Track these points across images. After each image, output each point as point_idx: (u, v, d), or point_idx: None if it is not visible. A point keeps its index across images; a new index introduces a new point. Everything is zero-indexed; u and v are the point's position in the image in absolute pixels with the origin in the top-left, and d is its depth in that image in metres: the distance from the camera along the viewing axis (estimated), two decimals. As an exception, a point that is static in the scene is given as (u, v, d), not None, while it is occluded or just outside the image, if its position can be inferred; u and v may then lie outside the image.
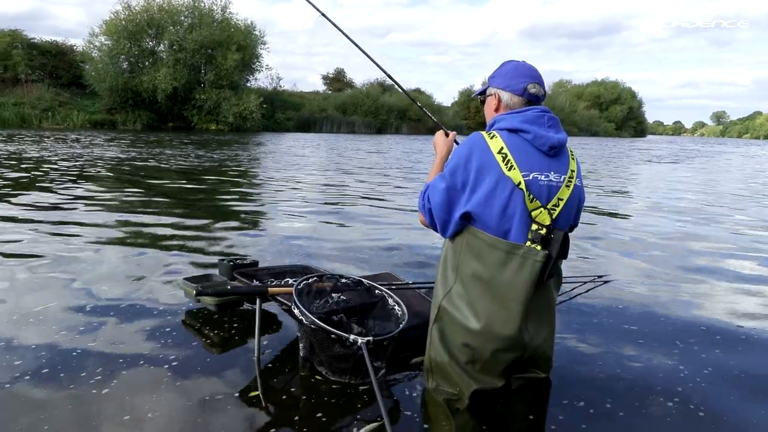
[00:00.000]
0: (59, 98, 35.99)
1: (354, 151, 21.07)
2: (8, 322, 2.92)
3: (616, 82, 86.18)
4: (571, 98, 74.19)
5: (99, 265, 4.13)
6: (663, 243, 5.75)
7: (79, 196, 7.37)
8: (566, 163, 1.95)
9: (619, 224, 6.85)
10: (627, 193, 10.75)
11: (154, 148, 17.82)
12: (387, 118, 49.95)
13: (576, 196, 1.98)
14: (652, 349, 2.83)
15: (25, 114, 32.62)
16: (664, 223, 6.98)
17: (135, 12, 38.38)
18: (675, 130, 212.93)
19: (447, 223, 1.95)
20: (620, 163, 19.66)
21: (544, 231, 1.85)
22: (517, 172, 1.83)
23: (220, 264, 3.26)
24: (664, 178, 14.49)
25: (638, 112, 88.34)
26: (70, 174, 9.88)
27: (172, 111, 38.89)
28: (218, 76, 39.26)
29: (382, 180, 11.16)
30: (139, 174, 10.66)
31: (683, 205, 8.80)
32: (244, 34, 41.41)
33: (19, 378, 2.29)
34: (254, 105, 38.87)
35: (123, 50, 37.84)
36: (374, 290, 2.64)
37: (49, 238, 4.95)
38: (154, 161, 13.49)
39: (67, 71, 38.51)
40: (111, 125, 35.82)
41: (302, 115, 46.42)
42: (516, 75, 1.99)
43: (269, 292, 2.50)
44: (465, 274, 1.95)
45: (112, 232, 5.32)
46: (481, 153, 1.87)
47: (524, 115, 1.92)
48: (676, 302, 3.67)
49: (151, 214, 6.29)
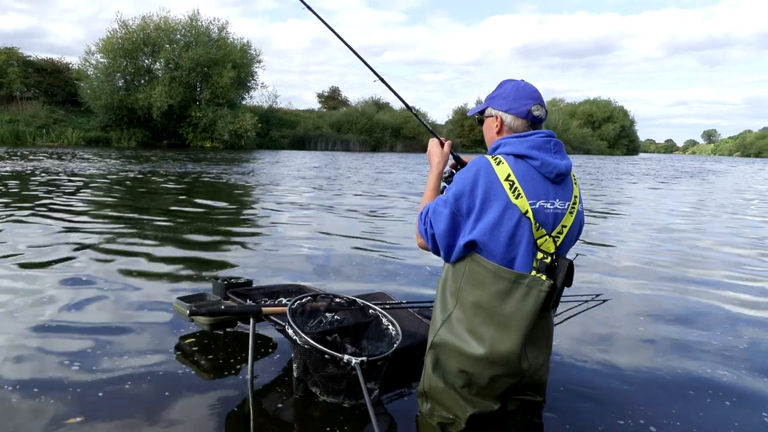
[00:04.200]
0: (54, 116, 36.02)
1: (348, 169, 21.13)
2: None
3: (609, 101, 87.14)
4: (564, 116, 74.89)
5: (91, 283, 4.10)
6: (661, 260, 5.77)
7: (69, 212, 7.34)
8: (570, 190, 1.93)
9: (615, 240, 6.88)
10: (625, 207, 10.79)
11: (147, 165, 17.81)
12: (381, 136, 50.24)
13: (578, 222, 1.96)
14: (649, 372, 2.82)
15: (19, 131, 32.59)
16: (662, 240, 7.01)
17: (132, 30, 38.70)
18: (667, 148, 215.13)
19: (451, 249, 1.90)
20: (618, 180, 19.80)
21: (549, 259, 1.83)
22: (525, 200, 1.79)
23: (213, 283, 3.25)
24: (661, 195, 14.59)
25: (630, 131, 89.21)
26: (60, 190, 9.85)
27: (167, 128, 38.98)
28: (214, 94, 39.49)
29: (378, 197, 11.18)
30: (132, 191, 10.64)
31: (682, 222, 8.86)
32: (240, 52, 41.78)
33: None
34: (249, 123, 39.04)
35: (119, 68, 38.08)
36: (368, 310, 2.63)
37: (37, 256, 4.92)
38: (148, 178, 13.47)
39: (62, 89, 38.64)
40: (105, 142, 35.84)
41: (297, 133, 46.62)
42: (518, 96, 1.94)
43: (263, 312, 2.49)
44: (466, 301, 1.91)
45: (103, 249, 5.29)
46: (488, 179, 1.81)
47: (531, 141, 1.87)
48: (675, 324, 3.65)
49: (144, 232, 6.27)
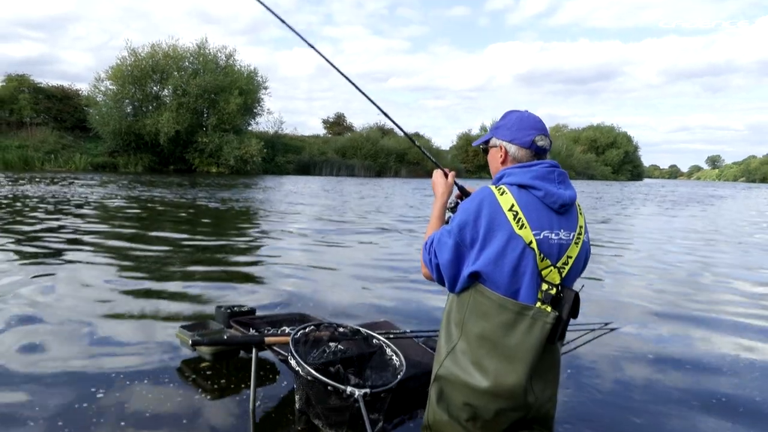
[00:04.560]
0: (62, 141, 36.46)
1: (353, 194, 21.20)
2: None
3: (612, 127, 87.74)
4: (567, 142, 75.35)
5: (94, 309, 4.09)
6: (670, 287, 5.72)
7: (74, 239, 7.37)
8: (575, 220, 1.92)
9: (623, 267, 6.83)
10: (631, 234, 10.76)
11: (153, 190, 17.93)
12: (386, 161, 50.53)
13: (584, 253, 1.95)
14: (659, 404, 2.78)
15: (28, 156, 32.96)
16: (671, 268, 6.96)
17: (141, 58, 39.40)
18: (671, 173, 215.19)
19: (455, 280, 1.89)
20: (624, 206, 19.77)
21: (554, 291, 1.81)
22: (528, 230, 1.78)
23: (217, 311, 3.24)
24: (668, 221, 14.54)
25: (634, 156, 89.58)
26: (65, 215, 9.90)
27: (174, 154, 39.36)
28: (220, 120, 39.95)
29: (382, 224, 11.19)
30: (137, 217, 10.69)
31: (690, 249, 8.81)
32: (247, 79, 42.39)
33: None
34: (255, 148, 39.40)
35: (128, 95, 38.65)
36: (372, 339, 2.61)
37: (42, 282, 4.93)
38: (153, 204, 13.55)
39: (71, 115, 39.18)
40: (112, 168, 36.17)
41: (302, 158, 46.97)
42: (522, 127, 1.95)
43: (266, 342, 2.48)
44: (470, 332, 1.89)
45: (107, 275, 5.30)
46: (491, 210, 1.81)
47: (534, 171, 1.88)
48: (684, 353, 3.60)
49: (148, 258, 6.28)
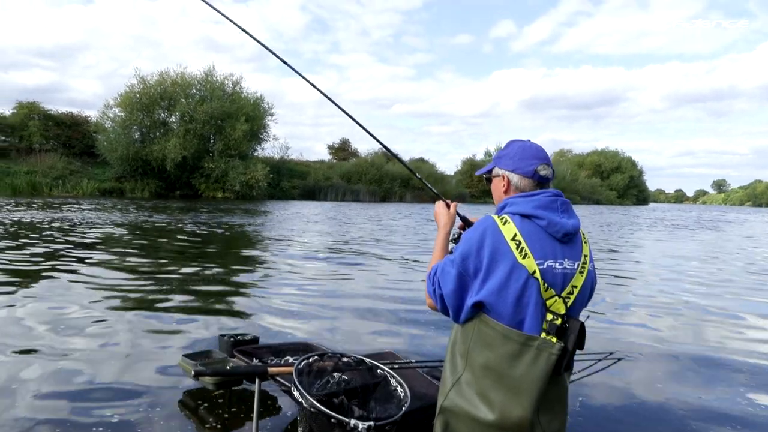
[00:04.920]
0: (71, 167, 36.90)
1: (358, 220, 21.22)
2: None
3: (616, 152, 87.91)
4: (572, 167, 75.49)
5: (98, 336, 4.08)
6: (678, 316, 5.66)
7: (78, 264, 7.38)
8: (579, 249, 1.91)
9: (630, 295, 6.77)
10: (638, 260, 10.67)
11: (159, 216, 18.01)
12: (391, 186, 50.72)
13: (589, 282, 1.93)
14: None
15: (36, 182, 33.35)
16: (678, 295, 6.89)
17: (149, 85, 40.05)
18: (677, 198, 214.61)
19: (459, 310, 1.88)
20: (630, 231, 19.68)
21: (559, 321, 1.79)
22: (532, 260, 1.78)
23: (220, 340, 3.22)
24: (675, 247, 14.44)
25: (639, 180, 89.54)
26: (70, 242, 9.94)
27: (180, 179, 39.69)
28: (227, 145, 40.36)
29: (386, 250, 11.17)
30: (141, 243, 10.71)
31: (698, 276, 8.72)
32: (253, 106, 42.94)
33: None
34: (261, 174, 39.67)
35: (136, 121, 39.17)
36: (376, 370, 2.58)
37: (45, 307, 4.92)
38: (159, 230, 13.60)
39: (80, 141, 39.72)
40: (119, 193, 36.48)
41: (308, 183, 47.24)
42: (525, 156, 1.97)
43: (269, 372, 2.46)
44: (475, 363, 1.87)
45: (112, 301, 5.29)
46: (494, 239, 1.81)
47: (537, 200, 1.89)
48: (693, 384, 3.54)
49: (152, 285, 6.27)
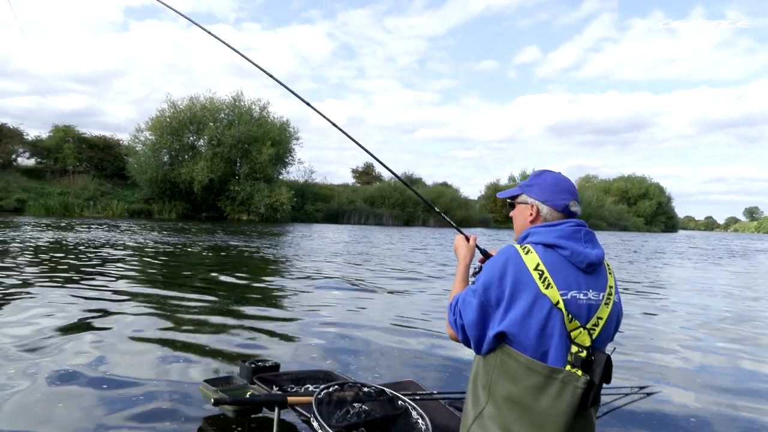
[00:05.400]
0: (102, 188, 37.94)
1: (381, 244, 21.20)
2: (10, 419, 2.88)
3: (644, 177, 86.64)
4: (597, 193, 74.55)
5: (120, 357, 4.10)
6: (711, 349, 5.48)
7: (104, 285, 7.49)
8: (604, 280, 1.86)
9: (661, 325, 6.57)
10: (669, 289, 10.39)
11: (186, 238, 18.28)
12: (414, 210, 50.71)
13: (615, 314, 1.88)
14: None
15: (68, 203, 34.33)
16: (710, 326, 6.67)
17: (179, 110, 41.14)
18: (707, 225, 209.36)
19: (481, 340, 1.84)
20: (660, 259, 19.23)
21: (585, 353, 1.74)
22: (555, 290, 1.74)
23: (241, 366, 3.21)
24: (707, 276, 14.04)
25: (668, 207, 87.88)
26: (98, 262, 10.12)
27: (207, 201, 40.38)
28: (253, 169, 41.04)
29: (409, 276, 11.10)
30: (168, 265, 10.86)
31: (731, 307, 8.44)
32: (279, 130, 43.67)
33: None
34: (285, 197, 40.12)
35: (165, 144, 40.18)
36: (397, 401, 2.53)
37: (68, 325, 4.99)
38: (185, 252, 13.78)
39: (111, 163, 40.87)
40: (147, 214, 37.28)
41: (331, 206, 47.56)
42: (558, 190, 1.95)
43: (288, 402, 2.43)
44: (498, 396, 1.82)
45: (136, 323, 5.34)
46: (517, 269, 1.78)
47: (560, 230, 1.86)
48: (727, 423, 3.40)
49: (175, 308, 6.32)
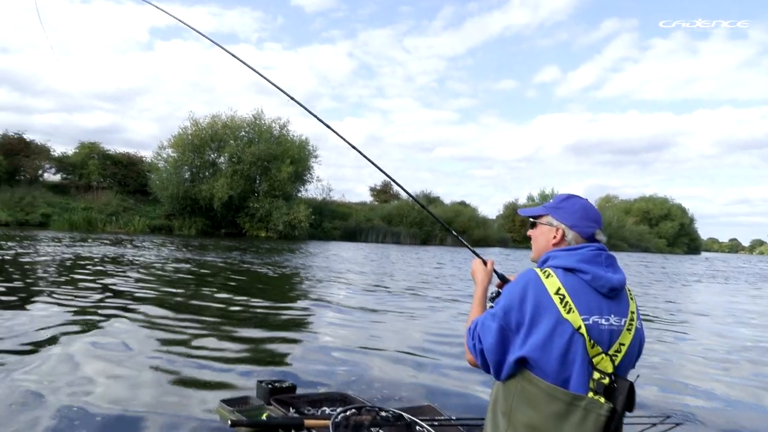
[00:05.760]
0: (124, 204, 38.71)
1: (399, 263, 21.16)
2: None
3: (666, 198, 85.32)
4: (618, 213, 73.58)
5: (137, 375, 4.12)
6: (739, 377, 5.33)
7: (124, 300, 7.56)
8: (626, 305, 1.84)
9: (686, 353, 6.40)
10: (694, 316, 10.14)
11: (206, 254, 18.46)
12: (431, 229, 50.57)
13: (637, 340, 1.85)
14: None
15: (92, 218, 35.06)
16: (738, 355, 6.50)
17: (201, 128, 41.89)
18: (732, 247, 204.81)
19: (501, 365, 1.82)
20: (684, 281, 18.87)
21: (607, 380, 1.71)
22: (577, 315, 1.72)
23: (258, 386, 3.20)
24: (734, 300, 13.72)
25: (690, 229, 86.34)
26: (118, 278, 10.25)
27: (226, 218, 40.85)
28: (272, 186, 41.47)
29: (428, 296, 11.02)
30: (187, 281, 10.95)
31: (760, 334, 8.21)
32: (299, 148, 44.16)
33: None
34: (303, 214, 40.40)
35: (187, 161, 40.87)
36: (415, 426, 2.50)
37: (88, 343, 5.03)
38: (204, 268, 13.90)
39: (134, 180, 41.70)
40: (168, 230, 37.83)
41: (349, 224, 47.70)
42: (586, 217, 1.95)
43: (305, 425, 2.41)
44: (519, 423, 1.79)
45: (153, 341, 5.37)
46: (537, 292, 1.77)
47: (580, 254, 1.84)
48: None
49: (193, 325, 6.35)
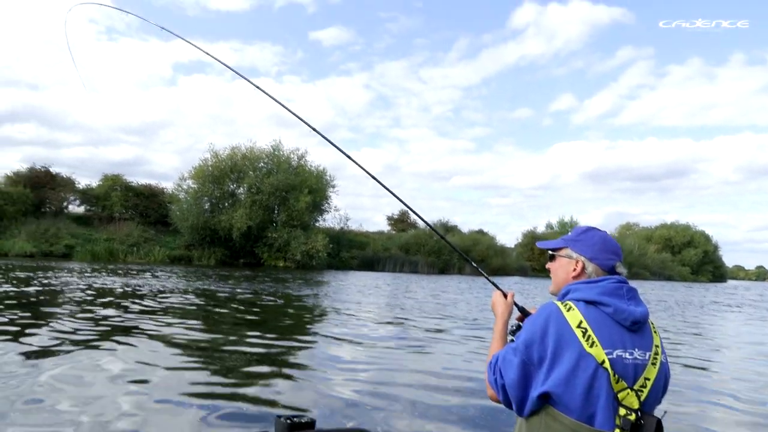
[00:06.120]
0: (145, 235, 39.32)
1: (417, 293, 21.01)
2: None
3: (688, 225, 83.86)
4: (639, 241, 72.40)
5: (147, 408, 4.13)
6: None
7: (138, 334, 7.62)
8: (650, 339, 1.81)
9: (712, 389, 6.24)
10: (723, 349, 9.87)
11: (225, 285, 18.56)
12: (449, 258, 50.27)
13: (663, 375, 1.81)
14: None
15: (113, 249, 35.64)
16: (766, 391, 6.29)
17: (221, 159, 42.63)
18: (759, 275, 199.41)
19: (523, 401, 1.79)
20: (711, 311, 18.39)
21: (634, 417, 1.67)
22: (600, 349, 1.69)
23: (276, 421, 3.17)
24: (761, 332, 13.33)
25: (715, 256, 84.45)
26: (136, 310, 10.34)
27: (245, 248, 41.16)
28: (290, 216, 41.81)
29: (449, 328, 10.89)
30: (203, 312, 11.00)
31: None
32: (317, 178, 44.60)
33: None
34: (321, 244, 40.54)
35: (207, 192, 41.48)
36: (435, 465, 2.46)
37: (105, 379, 5.06)
38: (223, 299, 13.96)
39: (155, 211, 42.43)
40: (187, 260, 38.20)
41: (366, 254, 47.68)
42: (606, 249, 1.94)
43: (324, 463, 2.39)
44: None
45: (171, 374, 5.39)
46: (559, 326, 1.74)
47: (602, 287, 1.82)
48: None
49: (210, 358, 6.36)
